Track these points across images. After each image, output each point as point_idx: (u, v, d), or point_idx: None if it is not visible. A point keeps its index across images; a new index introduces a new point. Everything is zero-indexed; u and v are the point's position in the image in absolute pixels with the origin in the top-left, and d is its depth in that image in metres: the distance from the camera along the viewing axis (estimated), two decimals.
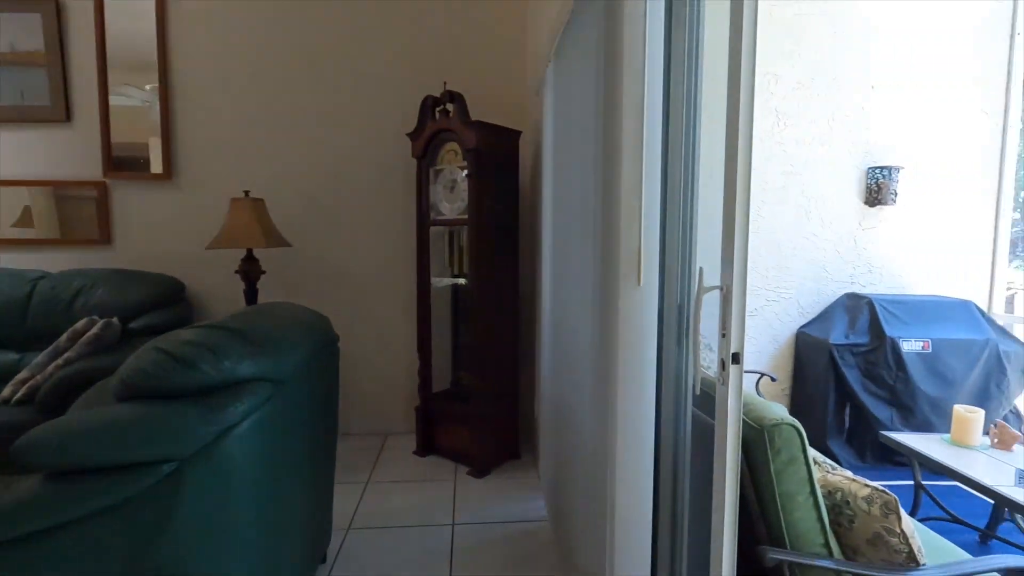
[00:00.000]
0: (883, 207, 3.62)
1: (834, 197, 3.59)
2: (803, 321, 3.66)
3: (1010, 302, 5.10)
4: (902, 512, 1.28)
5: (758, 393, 3.31)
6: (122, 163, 3.23)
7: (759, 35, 1.02)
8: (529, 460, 3.13)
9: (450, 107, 2.88)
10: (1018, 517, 2.21)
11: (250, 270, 2.95)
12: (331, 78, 3.35)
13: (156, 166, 3.26)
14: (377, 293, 3.48)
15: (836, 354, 3.24)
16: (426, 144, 2.95)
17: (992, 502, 2.38)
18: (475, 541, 2.29)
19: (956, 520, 2.37)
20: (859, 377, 3.23)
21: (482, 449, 2.92)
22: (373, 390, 3.51)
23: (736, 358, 1.01)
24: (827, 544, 1.31)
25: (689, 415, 1.33)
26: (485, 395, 2.92)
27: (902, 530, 1.28)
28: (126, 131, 3.22)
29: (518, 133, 2.98)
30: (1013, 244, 4.60)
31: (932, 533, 1.64)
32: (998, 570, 1.30)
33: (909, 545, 1.29)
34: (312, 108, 3.36)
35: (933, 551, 1.53)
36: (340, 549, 2.21)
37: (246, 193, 2.96)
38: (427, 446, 3.16)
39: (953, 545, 1.57)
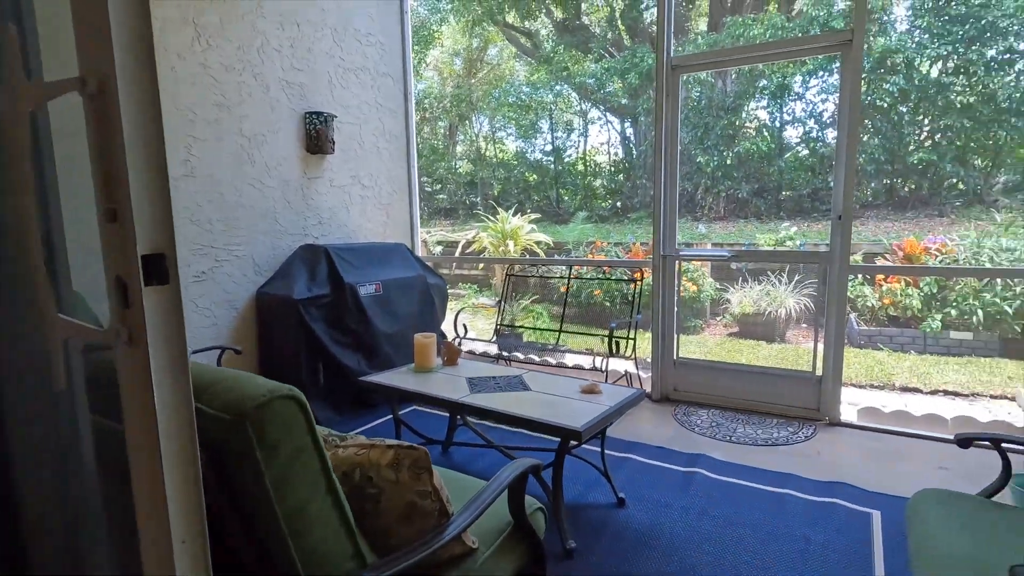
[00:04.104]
0: (324, 156, 3.55)
1: (274, 139, 3.25)
2: (261, 280, 3.22)
3: (426, 244, 6.47)
4: (432, 466, 1.02)
5: None
6: None
7: None
8: None
9: None
10: (470, 420, 2.52)
11: None
12: None
13: None
14: None
15: (302, 309, 2.97)
16: None
17: (448, 414, 2.66)
18: None
19: (429, 441, 2.52)
20: (326, 329, 3.08)
21: None
22: None
23: (161, 272, 0.41)
24: (358, 552, 0.91)
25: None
26: None
27: (434, 486, 1.02)
28: None
29: None
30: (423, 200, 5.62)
31: (442, 469, 1.52)
32: (507, 486, 1.23)
33: (440, 499, 1.04)
34: None
35: (450, 485, 1.39)
36: None
37: None
38: None
39: (460, 474, 1.49)
